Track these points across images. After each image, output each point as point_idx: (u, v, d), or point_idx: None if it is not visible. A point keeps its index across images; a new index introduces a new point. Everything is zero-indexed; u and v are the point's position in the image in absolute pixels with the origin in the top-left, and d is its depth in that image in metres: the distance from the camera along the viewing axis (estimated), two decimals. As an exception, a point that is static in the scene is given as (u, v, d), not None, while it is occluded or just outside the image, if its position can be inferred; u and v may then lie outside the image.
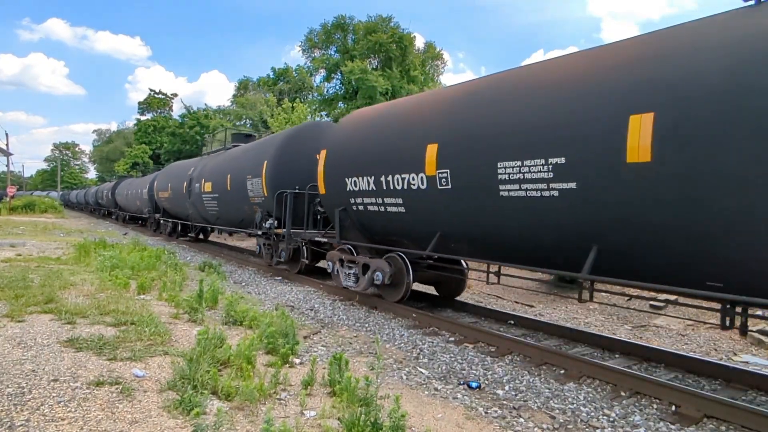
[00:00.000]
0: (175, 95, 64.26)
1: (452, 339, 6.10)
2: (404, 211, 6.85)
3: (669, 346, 6.53)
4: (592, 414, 3.91)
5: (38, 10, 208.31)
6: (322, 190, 8.47)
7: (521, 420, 3.75)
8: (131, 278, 7.64)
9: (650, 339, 6.98)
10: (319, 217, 9.94)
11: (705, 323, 6.87)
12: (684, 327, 7.61)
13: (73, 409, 3.02)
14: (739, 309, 4.17)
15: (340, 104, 31.00)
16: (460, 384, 4.49)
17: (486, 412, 3.83)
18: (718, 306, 4.26)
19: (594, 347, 5.79)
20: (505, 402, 4.10)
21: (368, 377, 3.29)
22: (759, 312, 4.57)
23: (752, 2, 3.92)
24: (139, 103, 62.68)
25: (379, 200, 7.21)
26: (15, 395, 3.11)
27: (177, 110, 59.76)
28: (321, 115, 31.58)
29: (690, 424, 3.76)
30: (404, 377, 4.57)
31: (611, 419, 3.83)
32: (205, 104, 64.84)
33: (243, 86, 44.36)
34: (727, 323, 4.18)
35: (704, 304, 4.52)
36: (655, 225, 4.17)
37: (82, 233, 18.07)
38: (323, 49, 34.58)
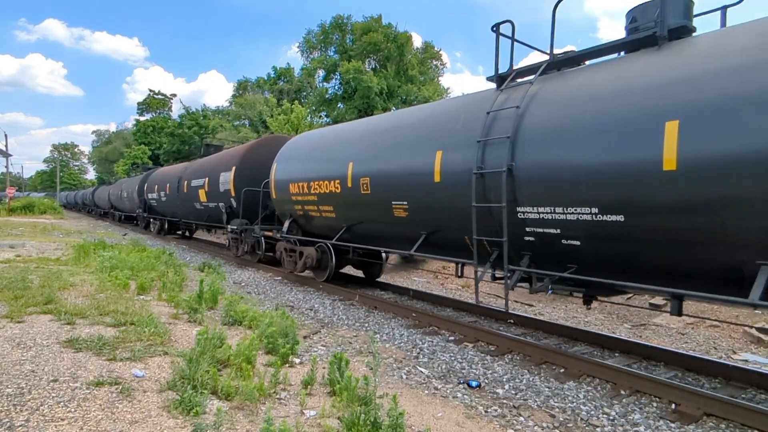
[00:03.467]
0: (174, 96, 64.39)
1: (452, 338, 6.10)
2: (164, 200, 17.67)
3: (669, 344, 6.54)
4: (592, 412, 3.92)
5: (35, 10, 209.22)
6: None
7: (521, 419, 3.75)
8: (131, 279, 7.62)
9: (650, 338, 6.98)
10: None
11: (707, 319, 6.87)
12: (684, 326, 7.61)
13: (72, 410, 3.01)
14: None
15: (340, 105, 30.96)
16: (460, 383, 4.49)
17: (486, 411, 3.83)
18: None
19: (594, 346, 5.79)
20: (505, 401, 4.10)
21: (367, 377, 3.29)
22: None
23: None
24: (138, 103, 62.81)
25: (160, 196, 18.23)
26: (14, 395, 3.11)
27: (176, 111, 59.81)
28: (320, 116, 31.53)
29: (690, 422, 3.77)
30: (404, 376, 4.57)
31: (611, 417, 3.83)
32: (204, 104, 64.89)
33: (242, 87, 44.36)
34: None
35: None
36: None
37: (81, 234, 18.06)
38: (322, 50, 34.56)
